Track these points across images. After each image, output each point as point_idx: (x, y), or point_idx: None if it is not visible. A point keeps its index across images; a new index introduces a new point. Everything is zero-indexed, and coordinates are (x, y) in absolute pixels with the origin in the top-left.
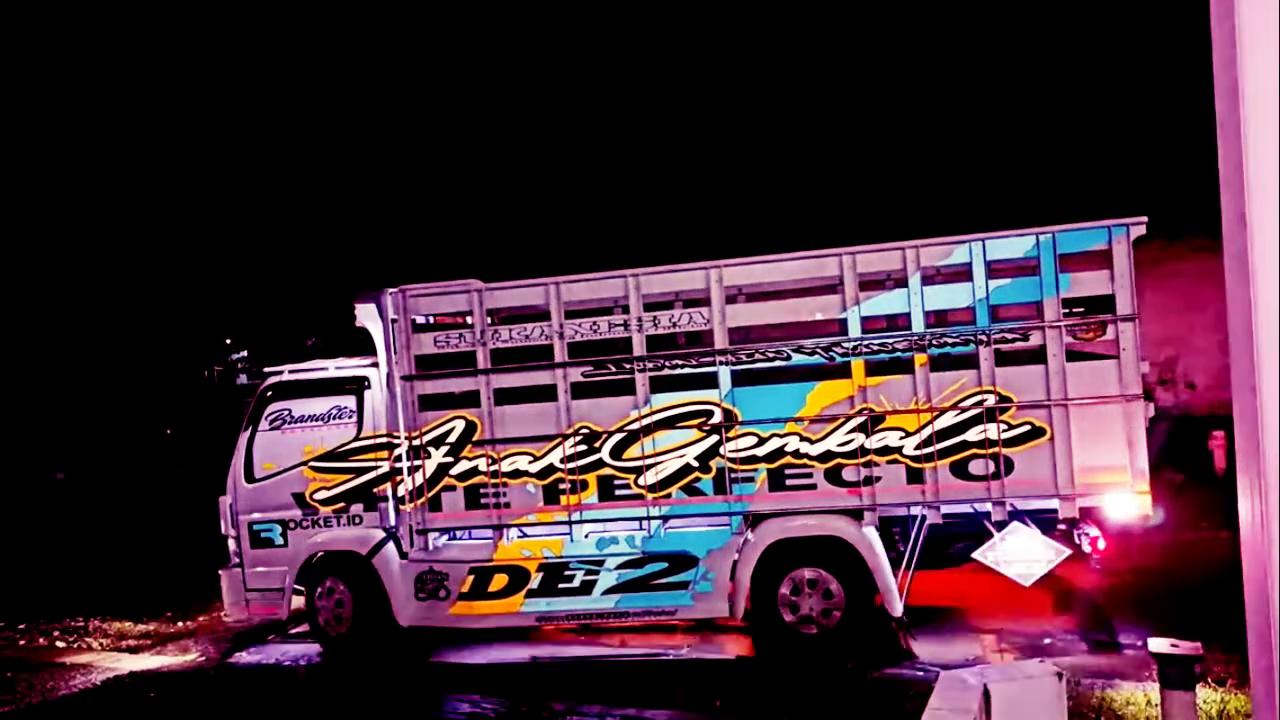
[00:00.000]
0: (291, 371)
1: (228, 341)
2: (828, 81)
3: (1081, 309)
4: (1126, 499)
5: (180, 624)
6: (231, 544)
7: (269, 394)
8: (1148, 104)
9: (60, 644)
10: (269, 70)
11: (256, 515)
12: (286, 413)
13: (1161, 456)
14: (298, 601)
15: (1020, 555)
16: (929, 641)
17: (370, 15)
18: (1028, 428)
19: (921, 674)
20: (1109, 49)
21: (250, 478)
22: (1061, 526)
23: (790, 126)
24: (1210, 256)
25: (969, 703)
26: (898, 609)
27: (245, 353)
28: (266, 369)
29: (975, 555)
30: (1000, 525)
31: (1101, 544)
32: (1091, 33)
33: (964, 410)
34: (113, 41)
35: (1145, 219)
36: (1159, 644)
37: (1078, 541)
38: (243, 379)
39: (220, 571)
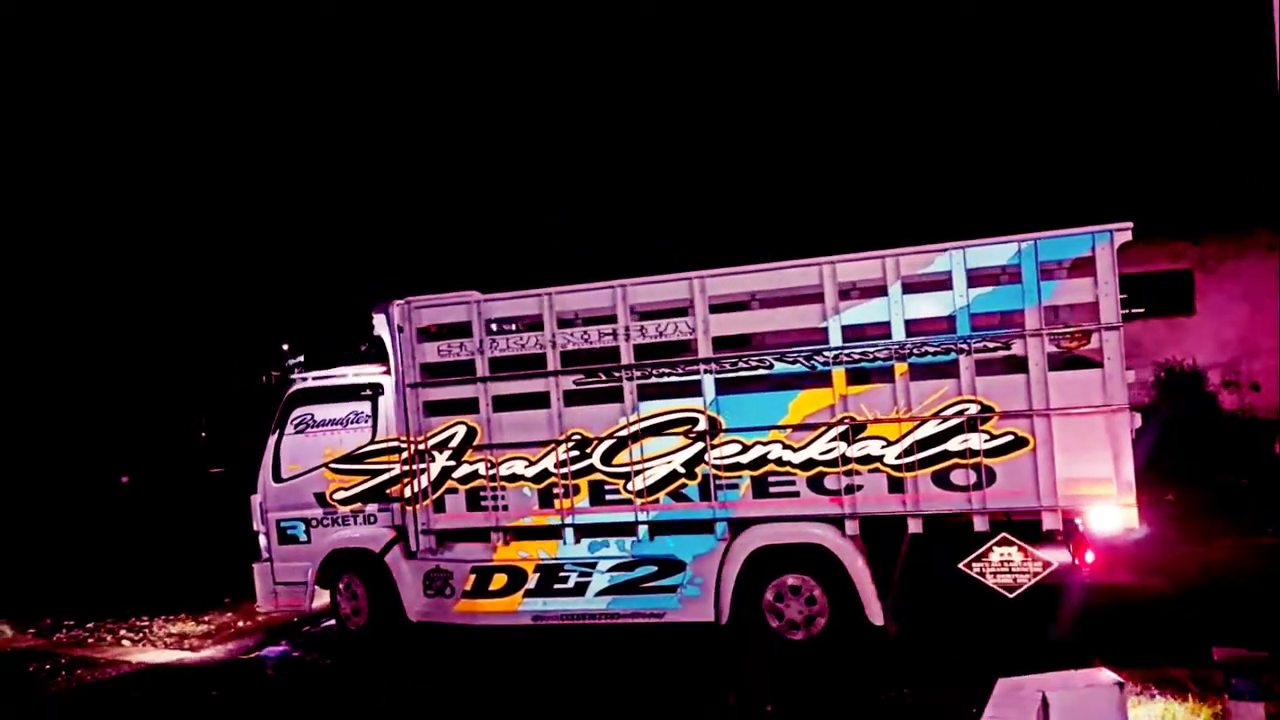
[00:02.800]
0: (315, 379)
1: (285, 347)
2: (814, 92)
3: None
4: (1112, 511)
5: (243, 623)
6: (262, 540)
7: (294, 399)
8: (1141, 107)
9: (125, 642)
10: (323, 93)
11: (283, 513)
12: (309, 417)
13: (1225, 460)
14: (325, 596)
15: (1005, 567)
16: (923, 651)
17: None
18: (1010, 438)
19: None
20: (1098, 54)
21: (277, 478)
22: (1058, 538)
23: (776, 136)
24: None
25: (1026, 712)
26: (878, 618)
27: (301, 358)
28: (292, 375)
29: (960, 566)
30: (984, 536)
31: (1090, 556)
32: (1079, 38)
33: (945, 419)
34: (184, 68)
35: (1130, 224)
36: (1225, 653)
37: (1071, 555)
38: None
39: (253, 566)
